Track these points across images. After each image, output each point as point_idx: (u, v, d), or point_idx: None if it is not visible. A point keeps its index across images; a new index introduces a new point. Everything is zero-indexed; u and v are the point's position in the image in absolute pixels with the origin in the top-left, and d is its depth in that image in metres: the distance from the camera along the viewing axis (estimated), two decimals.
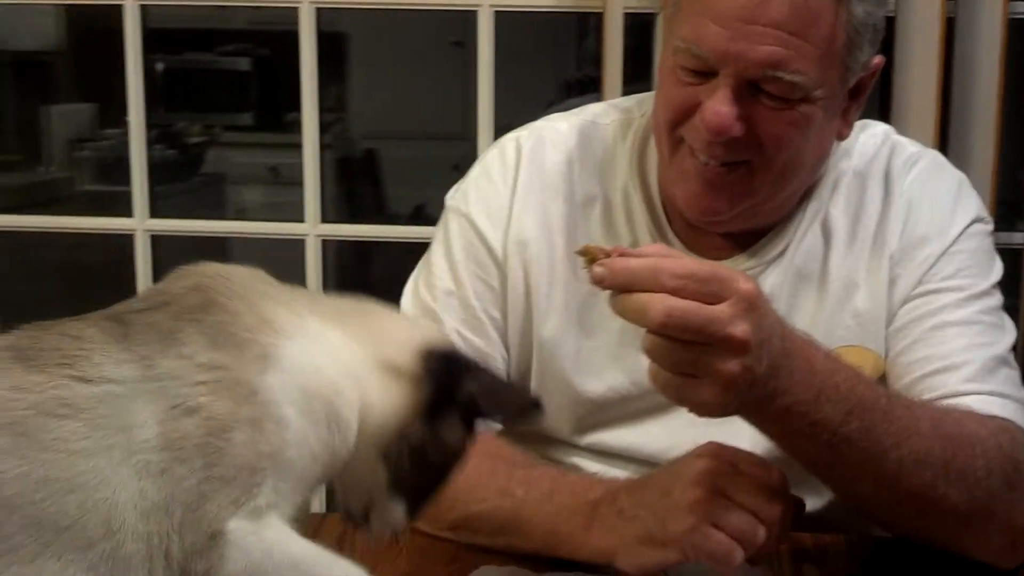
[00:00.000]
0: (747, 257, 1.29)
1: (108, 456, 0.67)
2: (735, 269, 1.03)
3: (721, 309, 0.93)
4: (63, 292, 3.66)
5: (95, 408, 0.68)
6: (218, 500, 0.68)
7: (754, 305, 0.95)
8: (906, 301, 1.26)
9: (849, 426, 1.03)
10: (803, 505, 1.10)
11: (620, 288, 0.94)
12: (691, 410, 1.00)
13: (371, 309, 0.85)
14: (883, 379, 1.25)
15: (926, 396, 1.18)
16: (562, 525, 1.13)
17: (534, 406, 0.86)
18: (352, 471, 0.81)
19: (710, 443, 1.09)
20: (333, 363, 0.78)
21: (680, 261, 0.95)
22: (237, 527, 0.69)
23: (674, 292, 0.92)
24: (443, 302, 1.32)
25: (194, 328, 0.74)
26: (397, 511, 0.81)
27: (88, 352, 0.70)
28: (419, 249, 1.42)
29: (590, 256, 0.95)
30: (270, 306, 0.79)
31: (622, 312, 0.95)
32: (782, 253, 1.29)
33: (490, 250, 1.33)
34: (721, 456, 1.07)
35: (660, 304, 0.92)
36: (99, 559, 0.65)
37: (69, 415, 0.67)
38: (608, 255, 0.95)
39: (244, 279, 0.81)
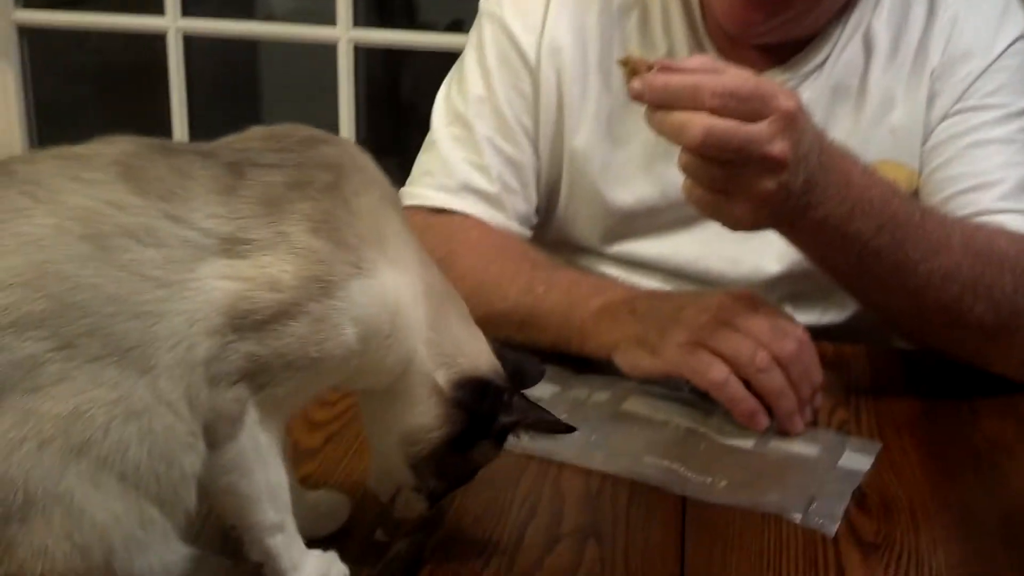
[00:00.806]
0: (782, 71, 1.27)
1: (172, 293, 0.66)
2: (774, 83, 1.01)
3: (760, 128, 0.93)
4: (95, 93, 3.64)
5: (177, 247, 0.67)
6: (250, 379, 0.69)
7: (794, 122, 0.94)
8: (945, 118, 1.25)
9: (880, 239, 1.03)
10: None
11: (659, 105, 0.93)
12: (723, 224, 1.00)
13: (456, 309, 0.81)
14: (916, 195, 1.24)
15: (959, 213, 1.18)
16: (575, 316, 1.14)
17: (568, 430, 0.84)
18: (381, 461, 0.81)
19: (746, 289, 1.10)
20: (412, 325, 0.76)
21: (721, 79, 0.92)
22: (252, 418, 0.69)
23: (713, 111, 0.91)
24: (475, 108, 1.32)
25: (306, 206, 0.71)
26: (421, 504, 0.82)
27: (189, 195, 0.69)
28: (451, 59, 1.40)
29: (631, 67, 0.93)
30: (391, 230, 0.75)
31: (660, 129, 0.94)
32: (820, 66, 1.27)
33: (523, 56, 1.31)
34: (745, 297, 1.07)
35: (699, 123, 0.91)
36: (152, 385, 0.66)
37: (152, 244, 0.66)
38: (650, 67, 0.92)
39: (384, 189, 0.78)
